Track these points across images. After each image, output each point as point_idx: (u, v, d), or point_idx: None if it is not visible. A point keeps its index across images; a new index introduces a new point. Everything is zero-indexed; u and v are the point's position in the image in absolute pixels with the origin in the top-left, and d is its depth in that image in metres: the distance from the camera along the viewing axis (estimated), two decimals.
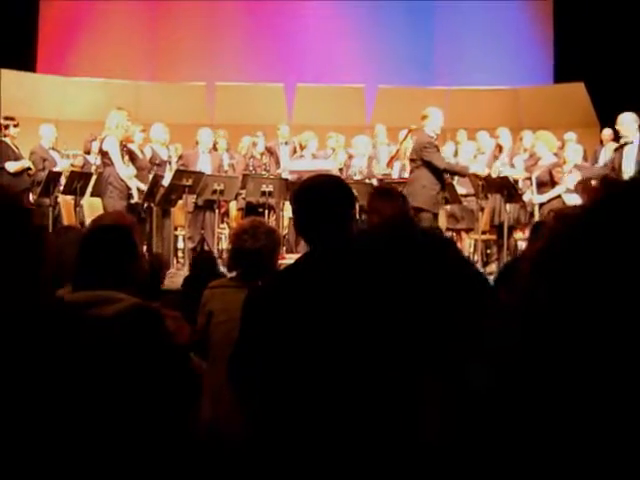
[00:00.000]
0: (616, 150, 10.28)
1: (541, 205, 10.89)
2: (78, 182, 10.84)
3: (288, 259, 9.53)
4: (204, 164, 11.90)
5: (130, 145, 10.81)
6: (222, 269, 9.40)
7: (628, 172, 9.96)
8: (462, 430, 1.05)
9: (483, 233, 11.95)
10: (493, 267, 11.67)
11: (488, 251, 12.53)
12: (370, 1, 18.24)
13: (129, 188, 10.38)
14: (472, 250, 12.10)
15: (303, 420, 2.99)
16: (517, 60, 18.33)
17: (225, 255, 10.56)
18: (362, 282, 3.13)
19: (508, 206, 11.00)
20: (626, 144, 10.12)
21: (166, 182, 11.03)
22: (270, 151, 13.30)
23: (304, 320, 3.03)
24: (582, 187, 10.11)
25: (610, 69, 15.65)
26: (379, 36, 18.35)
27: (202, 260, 6.75)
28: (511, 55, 18.35)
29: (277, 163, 13.07)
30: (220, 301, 4.41)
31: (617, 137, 13.54)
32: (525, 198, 11.07)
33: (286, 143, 13.37)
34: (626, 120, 10.20)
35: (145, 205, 10.86)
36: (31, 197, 11.46)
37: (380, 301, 3.13)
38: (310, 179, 3.43)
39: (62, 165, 11.76)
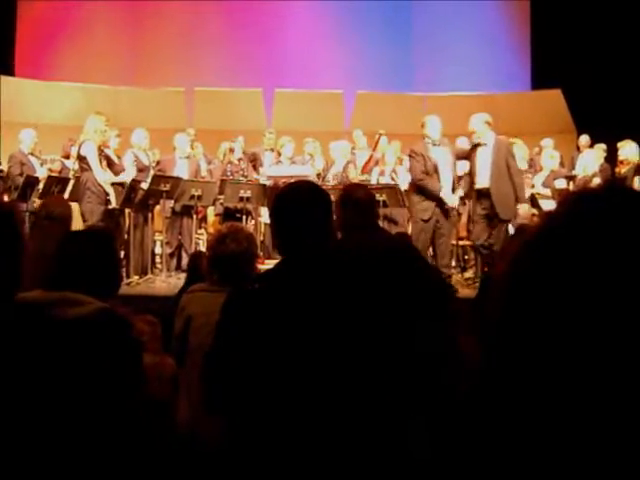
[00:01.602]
0: (471, 150, 10.09)
1: None
2: (55, 187, 10.77)
3: (267, 264, 9.54)
4: (181, 170, 11.87)
5: (106, 150, 10.76)
6: None
7: (483, 174, 9.88)
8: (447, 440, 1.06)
9: (460, 239, 11.97)
10: (471, 273, 11.68)
11: (466, 257, 12.55)
12: (349, 7, 18.29)
13: (107, 193, 10.33)
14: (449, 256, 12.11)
15: (278, 422, 3.00)
16: (495, 67, 18.43)
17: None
18: (337, 289, 3.16)
19: None
20: (479, 145, 9.97)
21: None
22: (255, 157, 13.29)
23: (282, 324, 3.04)
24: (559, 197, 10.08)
25: (587, 76, 15.77)
26: (358, 42, 18.41)
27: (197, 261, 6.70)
28: (489, 62, 18.45)
29: (258, 169, 13.06)
30: (199, 305, 4.41)
31: (594, 143, 13.67)
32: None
33: (272, 150, 13.35)
34: (475, 120, 10.04)
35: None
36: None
37: (354, 307, 3.15)
38: (287, 186, 3.45)
39: (41, 173, 11.68)
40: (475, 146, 9.99)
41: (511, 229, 10.08)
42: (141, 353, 3.30)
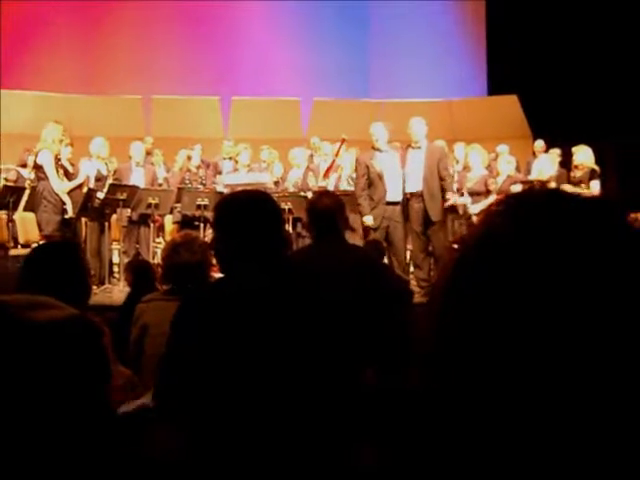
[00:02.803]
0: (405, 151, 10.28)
1: (477, 214, 10.99)
2: (11, 196, 10.67)
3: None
4: (137, 178, 11.80)
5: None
6: None
7: (416, 175, 10.01)
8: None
9: None
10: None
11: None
12: (305, 14, 18.33)
13: (63, 202, 10.26)
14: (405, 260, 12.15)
15: (232, 430, 3.00)
16: (451, 73, 18.54)
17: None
18: (290, 297, 3.16)
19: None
20: (411, 148, 10.14)
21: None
22: (215, 167, 13.26)
23: (234, 333, 3.04)
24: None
25: (542, 82, 15.92)
26: (314, 49, 18.44)
27: (141, 269, 6.66)
28: (445, 68, 18.55)
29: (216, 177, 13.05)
30: (154, 315, 4.39)
31: (549, 148, 13.79)
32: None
33: (230, 158, 13.33)
34: (415, 124, 10.20)
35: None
36: None
37: (307, 314, 3.15)
38: (227, 197, 3.44)
39: None
40: (408, 147, 10.16)
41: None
42: (109, 361, 3.30)
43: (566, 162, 12.63)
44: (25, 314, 3.02)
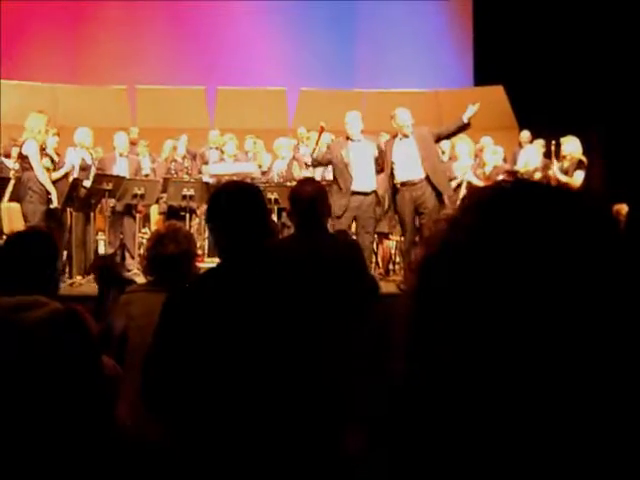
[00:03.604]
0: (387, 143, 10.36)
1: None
2: None
3: (208, 262, 9.50)
4: (121, 168, 11.74)
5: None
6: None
7: (407, 164, 10.07)
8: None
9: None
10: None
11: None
12: (291, 4, 18.29)
13: (49, 192, 10.23)
14: (394, 252, 12.16)
15: (219, 423, 3.00)
16: (437, 63, 18.56)
17: None
18: (275, 289, 3.16)
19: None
20: (398, 138, 10.19)
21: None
22: (202, 157, 13.26)
23: (221, 325, 3.04)
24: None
25: (528, 73, 15.94)
26: (301, 39, 18.42)
27: (105, 268, 6.60)
28: (431, 59, 18.56)
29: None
30: (139, 306, 4.37)
31: (534, 139, 13.82)
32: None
33: (216, 148, 13.33)
34: (401, 114, 10.26)
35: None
36: None
37: (292, 306, 3.16)
38: (221, 187, 3.46)
39: None
40: (394, 137, 10.24)
41: None
42: (99, 349, 3.32)
43: (550, 152, 12.66)
44: (16, 315, 3.05)
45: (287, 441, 2.98)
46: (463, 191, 11.37)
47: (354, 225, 10.14)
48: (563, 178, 11.01)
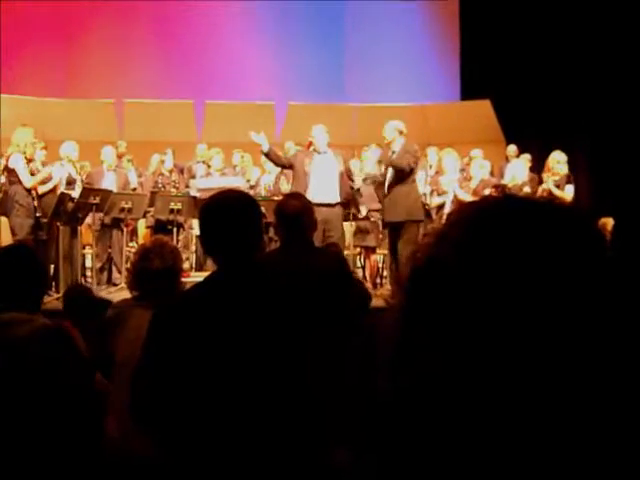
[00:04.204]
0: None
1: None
2: None
3: (193, 277, 9.49)
4: (109, 182, 11.73)
5: (32, 163, 10.61)
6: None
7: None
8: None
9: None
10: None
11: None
12: (280, 18, 18.32)
13: (35, 207, 10.21)
14: (381, 265, 12.16)
15: (209, 437, 2.99)
16: (425, 78, 18.59)
17: None
18: (267, 303, 3.16)
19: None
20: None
21: None
22: (189, 171, 13.26)
23: (211, 340, 3.03)
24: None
25: (515, 87, 15.99)
26: (289, 53, 18.44)
27: (75, 293, 6.53)
28: (419, 73, 18.61)
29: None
30: (125, 320, 4.36)
31: (521, 153, 13.87)
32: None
33: (203, 162, 13.34)
34: (390, 126, 10.38)
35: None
36: None
37: (280, 320, 3.15)
38: (216, 196, 3.43)
39: None
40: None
41: None
42: (89, 364, 3.32)
43: (538, 167, 12.70)
44: (7, 331, 3.06)
45: (274, 453, 2.98)
46: (449, 205, 11.39)
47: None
48: (557, 192, 11.09)
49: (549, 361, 0.87)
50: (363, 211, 11.47)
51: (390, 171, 10.24)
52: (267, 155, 10.64)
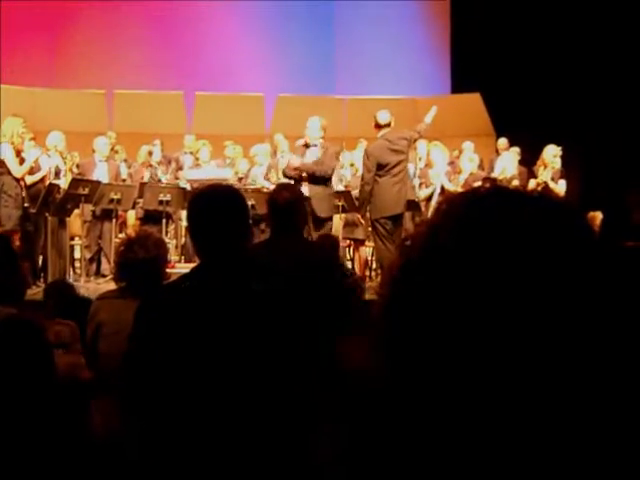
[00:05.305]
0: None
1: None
2: None
3: (179, 268, 9.48)
4: (101, 173, 11.71)
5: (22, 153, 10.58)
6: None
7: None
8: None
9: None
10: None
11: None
12: (270, 10, 18.29)
13: (24, 197, 10.18)
14: (371, 258, 12.15)
15: (193, 428, 2.98)
16: (415, 70, 18.60)
17: None
18: (251, 295, 3.14)
19: (407, 213, 11.05)
20: (307, 146, 10.35)
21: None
22: (177, 162, 13.25)
23: (196, 332, 3.02)
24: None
25: (505, 80, 16.00)
26: (279, 44, 18.44)
27: (56, 288, 6.50)
28: (410, 66, 18.61)
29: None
30: (109, 312, 4.35)
31: (511, 146, 13.89)
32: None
33: (191, 153, 13.34)
34: (312, 124, 10.39)
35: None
36: None
37: (269, 311, 3.14)
38: (203, 189, 3.43)
39: None
40: (305, 146, 10.38)
41: None
42: (51, 354, 3.29)
43: (528, 160, 12.73)
44: None
45: (258, 445, 2.97)
46: (436, 197, 11.41)
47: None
48: (553, 185, 11.16)
49: (547, 353, 0.87)
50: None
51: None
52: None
